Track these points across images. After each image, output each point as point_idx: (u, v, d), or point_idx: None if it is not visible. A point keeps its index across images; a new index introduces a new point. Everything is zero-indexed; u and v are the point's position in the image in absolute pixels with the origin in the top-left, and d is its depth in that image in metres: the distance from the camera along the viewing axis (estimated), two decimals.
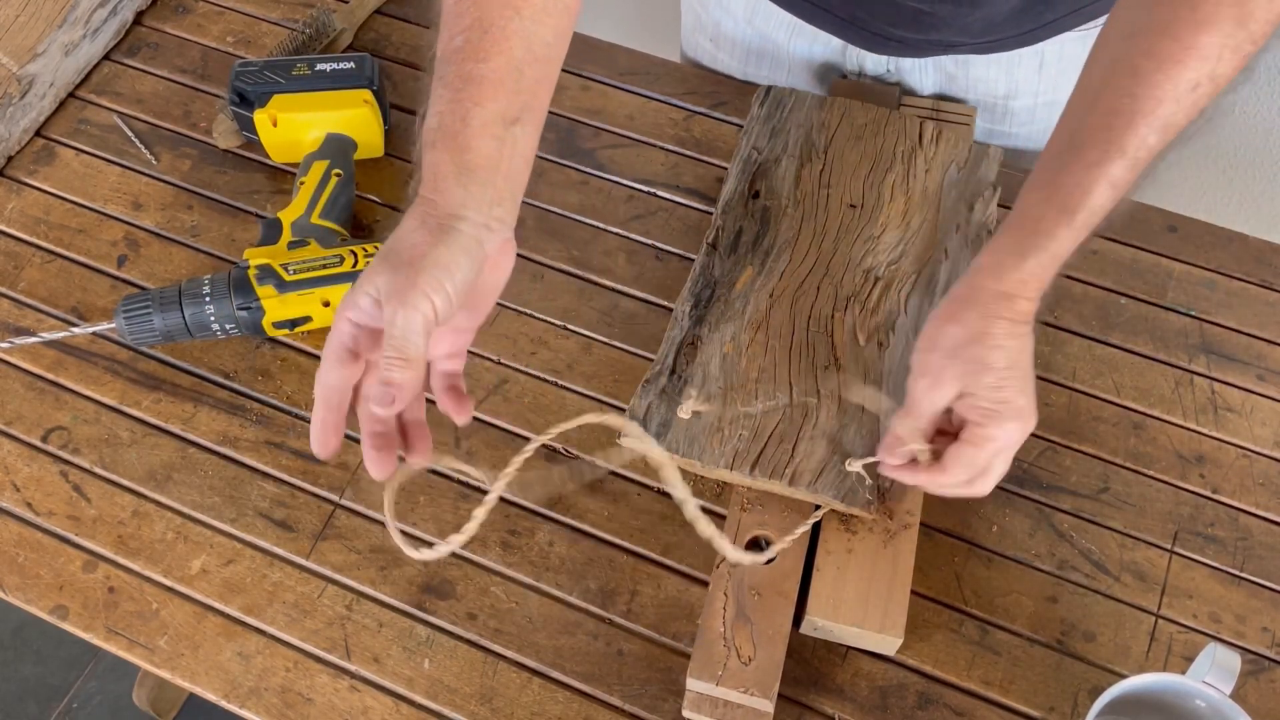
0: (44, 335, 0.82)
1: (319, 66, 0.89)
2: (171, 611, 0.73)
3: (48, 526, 0.76)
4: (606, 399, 0.80)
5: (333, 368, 0.57)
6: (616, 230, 0.88)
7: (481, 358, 0.82)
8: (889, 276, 0.79)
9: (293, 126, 0.88)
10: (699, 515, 0.62)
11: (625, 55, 0.98)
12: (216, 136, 0.93)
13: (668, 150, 0.93)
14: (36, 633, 1.55)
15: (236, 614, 0.73)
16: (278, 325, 0.81)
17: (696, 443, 0.72)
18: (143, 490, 0.77)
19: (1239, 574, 0.73)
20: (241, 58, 0.98)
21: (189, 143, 0.94)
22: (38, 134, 0.94)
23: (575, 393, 0.81)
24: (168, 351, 0.83)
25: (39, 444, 0.79)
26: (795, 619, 0.70)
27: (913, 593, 0.70)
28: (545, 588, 0.73)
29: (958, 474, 0.64)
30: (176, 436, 0.79)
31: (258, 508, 0.76)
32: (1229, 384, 0.81)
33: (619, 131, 0.94)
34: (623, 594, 0.72)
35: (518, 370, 0.82)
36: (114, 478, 0.78)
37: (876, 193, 0.84)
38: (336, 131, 0.89)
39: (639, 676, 0.70)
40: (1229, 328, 0.83)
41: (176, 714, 1.49)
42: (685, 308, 0.78)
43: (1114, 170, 0.59)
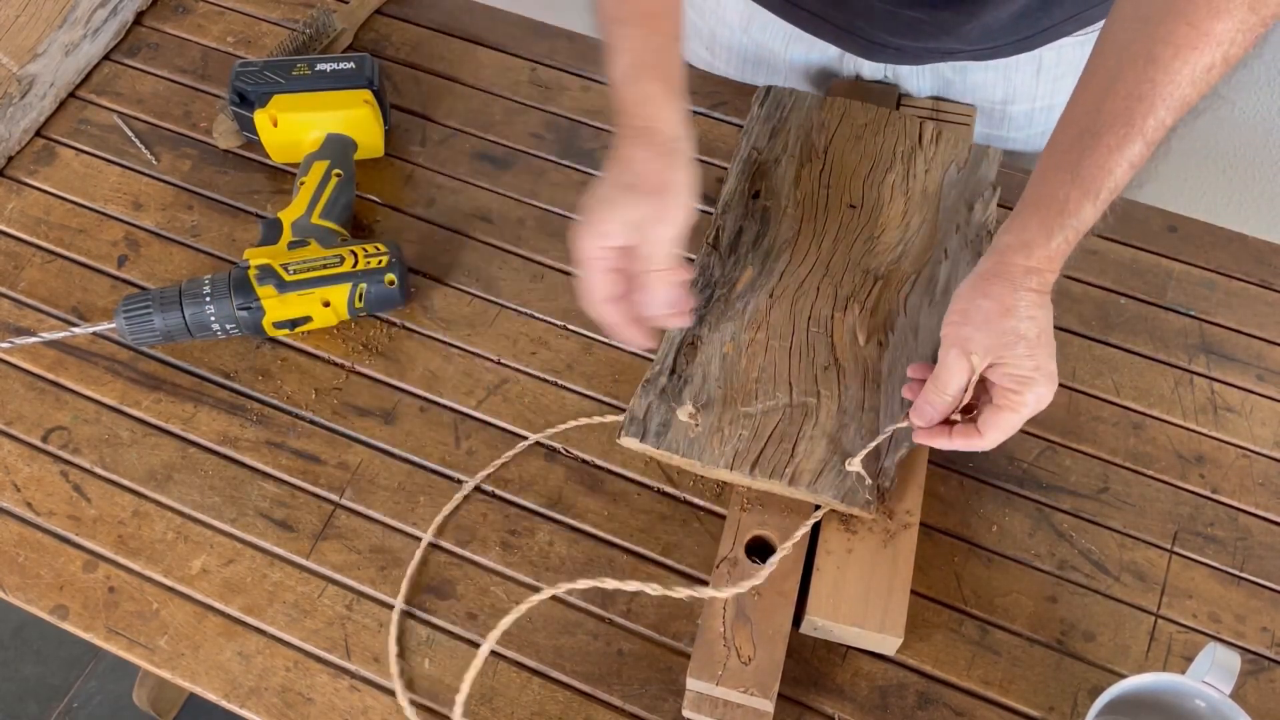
0: (44, 335, 0.82)
1: (319, 66, 0.89)
2: (172, 611, 0.73)
3: (48, 526, 0.76)
4: (606, 399, 0.80)
5: (606, 289, 0.68)
6: None
7: (481, 358, 0.82)
8: (889, 276, 0.79)
9: (293, 126, 0.88)
10: None
11: None
12: (217, 136, 0.93)
13: None
14: (37, 633, 1.55)
15: (237, 614, 0.73)
16: (278, 325, 0.81)
17: (696, 443, 0.72)
18: (143, 490, 0.77)
19: (1239, 574, 0.73)
20: (242, 58, 0.98)
21: (189, 143, 0.94)
22: (38, 134, 0.94)
23: (575, 393, 0.81)
24: (168, 351, 0.83)
25: (39, 444, 0.79)
26: (795, 619, 0.70)
27: (913, 593, 0.70)
28: (545, 587, 0.73)
29: (994, 437, 0.67)
30: (177, 436, 0.80)
31: (258, 508, 0.76)
32: (1229, 384, 0.81)
33: None
34: (623, 594, 0.72)
35: (518, 370, 0.82)
36: (114, 478, 0.78)
37: (876, 193, 0.84)
38: (337, 131, 0.89)
39: (639, 676, 0.70)
40: (1229, 328, 0.83)
41: (176, 714, 1.49)
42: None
43: (1133, 151, 0.62)
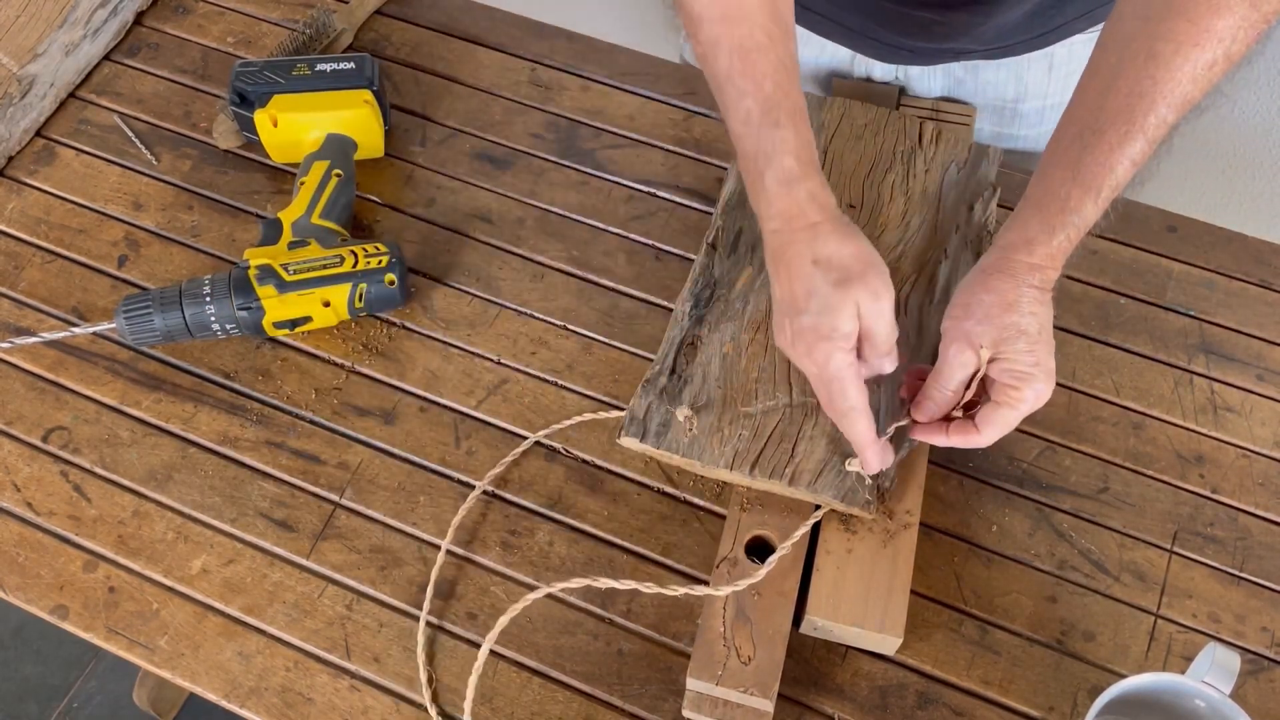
0: (44, 335, 0.82)
1: (319, 67, 0.89)
2: (172, 611, 0.73)
3: (48, 526, 0.76)
4: (606, 399, 0.80)
5: (862, 394, 0.67)
6: (616, 230, 0.89)
7: (481, 358, 0.82)
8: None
9: (293, 127, 0.88)
10: None
11: (625, 55, 0.98)
12: (217, 137, 0.93)
13: (667, 150, 0.93)
14: (37, 633, 1.55)
15: (237, 614, 0.73)
16: (278, 325, 0.81)
17: (696, 443, 0.72)
18: (143, 490, 0.77)
19: (1238, 574, 0.73)
20: (242, 58, 0.98)
21: (189, 143, 0.94)
22: (38, 134, 0.94)
23: (575, 393, 0.81)
24: (168, 351, 0.83)
25: (39, 444, 0.79)
26: (795, 619, 0.70)
27: (912, 593, 0.70)
28: (545, 587, 0.73)
29: (991, 434, 0.67)
30: (177, 436, 0.80)
31: (258, 508, 0.76)
32: (1228, 384, 0.81)
33: (619, 132, 0.94)
34: (623, 594, 0.72)
35: (518, 370, 0.82)
36: (114, 478, 0.78)
37: (876, 193, 0.84)
38: (337, 132, 0.89)
39: (639, 676, 0.70)
40: (1228, 328, 0.83)
41: (176, 714, 1.49)
42: (685, 308, 0.78)
43: (1135, 148, 0.62)
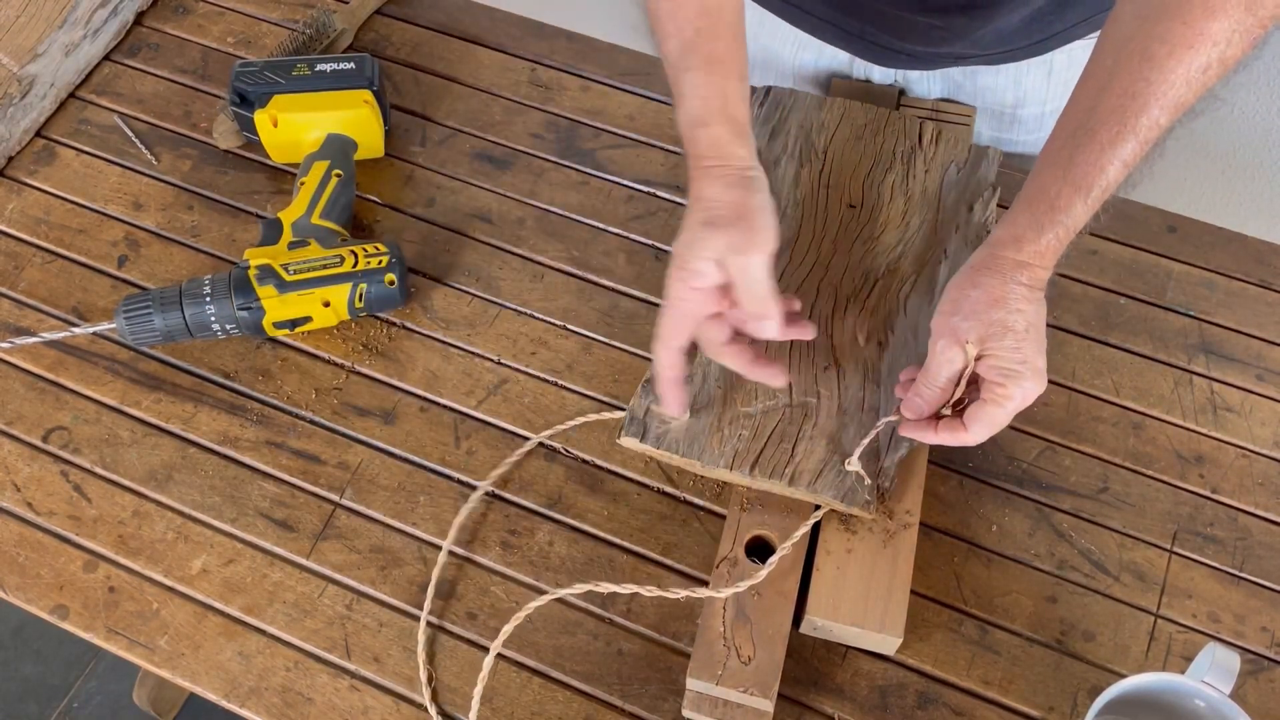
0: (44, 335, 0.82)
1: (319, 67, 0.89)
2: (172, 611, 0.73)
3: (48, 526, 0.76)
4: (606, 399, 0.80)
5: (681, 335, 0.68)
6: (616, 230, 0.89)
7: (481, 358, 0.82)
8: (889, 277, 0.79)
9: (293, 127, 0.88)
10: None
11: (625, 55, 0.98)
12: (217, 137, 0.93)
13: (668, 150, 0.93)
14: (37, 632, 1.55)
15: (237, 614, 0.73)
16: (278, 325, 0.81)
17: (696, 443, 0.72)
18: (143, 490, 0.77)
19: (1238, 574, 0.73)
20: (242, 58, 0.98)
21: (189, 143, 0.94)
22: (38, 134, 0.94)
23: (575, 393, 0.81)
24: (168, 351, 0.83)
25: (39, 444, 0.79)
26: (795, 619, 0.70)
27: (912, 592, 0.70)
28: (545, 587, 0.73)
29: (980, 432, 0.67)
30: (177, 436, 0.80)
31: (258, 508, 0.76)
32: (1228, 384, 0.81)
33: (619, 132, 0.94)
34: (623, 594, 0.72)
35: (518, 370, 0.82)
36: (114, 478, 0.78)
37: (876, 193, 0.84)
38: (337, 132, 0.89)
39: (639, 676, 0.70)
40: (1228, 328, 0.83)
41: (177, 714, 1.49)
42: None
43: (1126, 149, 0.62)
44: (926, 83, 0.91)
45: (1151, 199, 0.89)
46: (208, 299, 0.79)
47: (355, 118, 0.89)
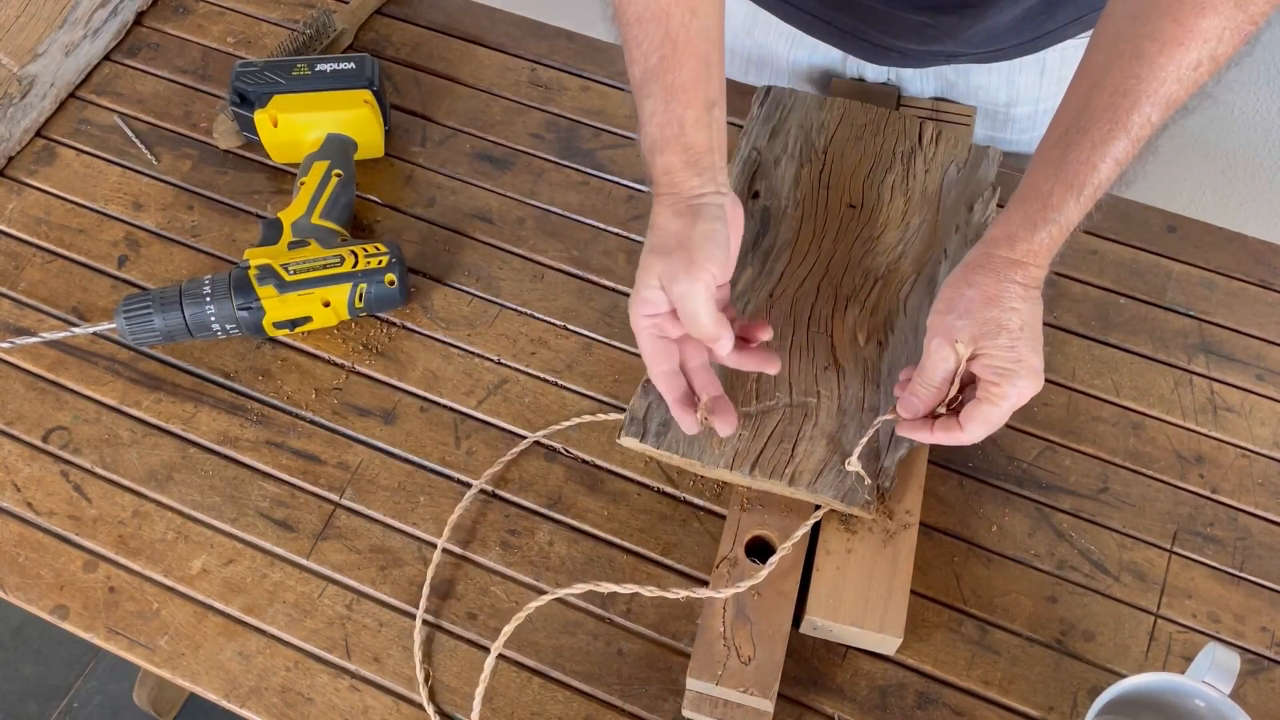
0: (44, 335, 0.82)
1: (319, 67, 0.89)
2: (172, 611, 0.73)
3: (48, 526, 0.76)
4: (606, 399, 0.80)
5: (660, 361, 0.69)
6: (616, 230, 0.89)
7: (481, 358, 0.82)
8: (889, 276, 0.79)
9: (293, 127, 0.88)
10: None
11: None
12: (217, 137, 0.93)
13: None
14: (37, 632, 1.55)
15: (237, 614, 0.73)
16: (278, 325, 0.81)
17: (696, 443, 0.72)
18: (143, 490, 0.77)
19: (1238, 574, 0.73)
20: (242, 58, 0.98)
21: (189, 143, 0.94)
22: (38, 134, 0.94)
23: (575, 393, 0.81)
24: (168, 351, 0.83)
25: (39, 444, 0.79)
26: (795, 619, 0.70)
27: (912, 592, 0.70)
28: (545, 587, 0.73)
29: (975, 431, 0.66)
30: (177, 436, 0.80)
31: (258, 508, 0.76)
32: (1228, 384, 0.81)
33: (619, 132, 0.94)
34: (623, 594, 0.72)
35: (518, 370, 0.82)
36: (114, 478, 0.78)
37: (876, 193, 0.84)
38: (337, 132, 0.89)
39: (639, 676, 0.70)
40: (1228, 328, 0.83)
41: (177, 714, 1.49)
42: None
43: (1118, 147, 0.62)
44: (920, 81, 0.91)
45: (1151, 199, 0.89)
46: (208, 299, 0.79)
47: (355, 118, 0.89)
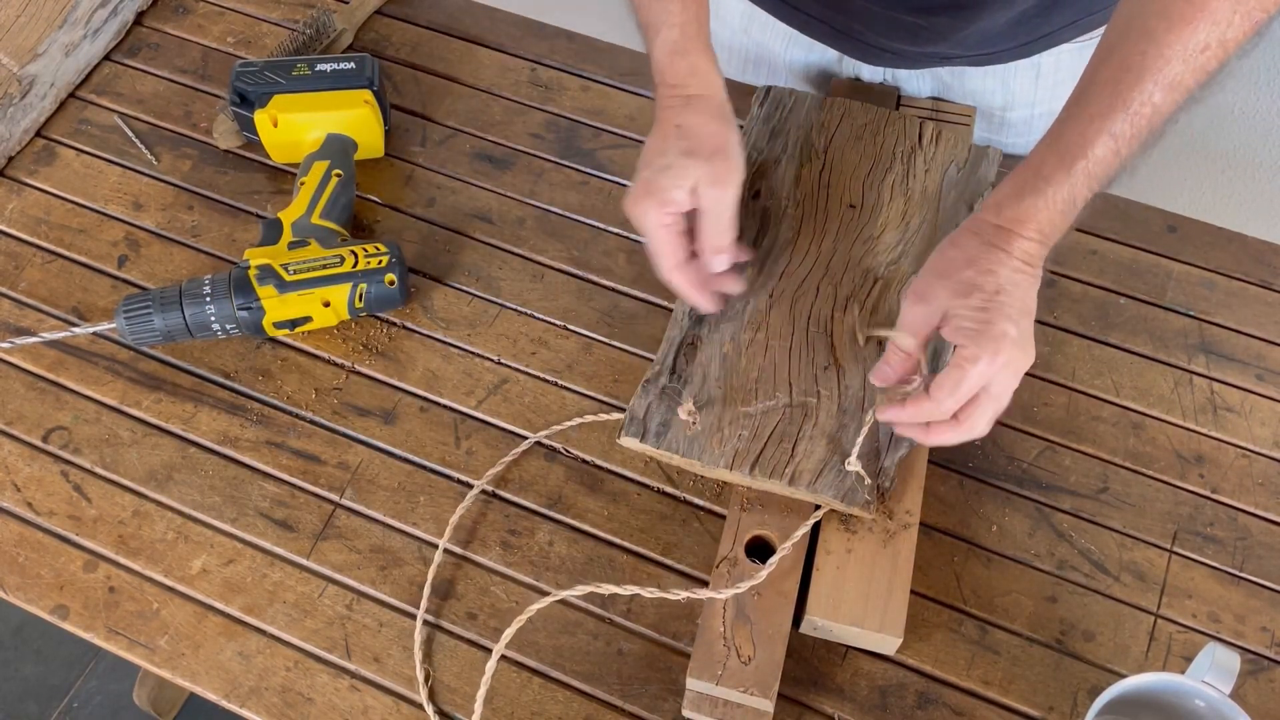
0: (44, 335, 0.82)
1: (319, 67, 0.89)
2: (172, 611, 0.73)
3: (48, 526, 0.76)
4: (606, 399, 0.80)
5: (677, 253, 0.70)
6: (616, 230, 0.89)
7: (481, 358, 0.82)
8: (889, 276, 0.79)
9: (293, 127, 0.88)
10: None
11: (626, 55, 0.98)
12: (217, 137, 0.93)
13: None
14: (37, 632, 1.55)
15: (237, 614, 0.73)
16: (278, 325, 0.81)
17: (696, 443, 0.72)
18: (143, 490, 0.77)
19: (1238, 574, 0.73)
20: (242, 58, 0.98)
21: (189, 143, 0.94)
22: (38, 134, 0.94)
23: (575, 393, 0.81)
24: (168, 351, 0.83)
25: (39, 444, 0.79)
26: (795, 619, 0.70)
27: (912, 592, 0.71)
28: (545, 587, 0.73)
29: (942, 399, 0.63)
30: (177, 436, 0.80)
31: (258, 507, 0.76)
32: (1228, 384, 0.81)
33: (619, 132, 0.94)
34: (623, 594, 0.72)
35: (518, 370, 0.82)
36: (114, 477, 0.78)
37: (876, 193, 0.84)
38: (337, 132, 0.89)
39: (639, 676, 0.70)
40: (1228, 328, 0.83)
41: (177, 714, 1.49)
42: (685, 308, 0.78)
43: (1115, 123, 0.61)
44: (916, 82, 0.91)
45: (1151, 199, 0.89)
46: (208, 299, 0.79)
47: (355, 118, 0.89)
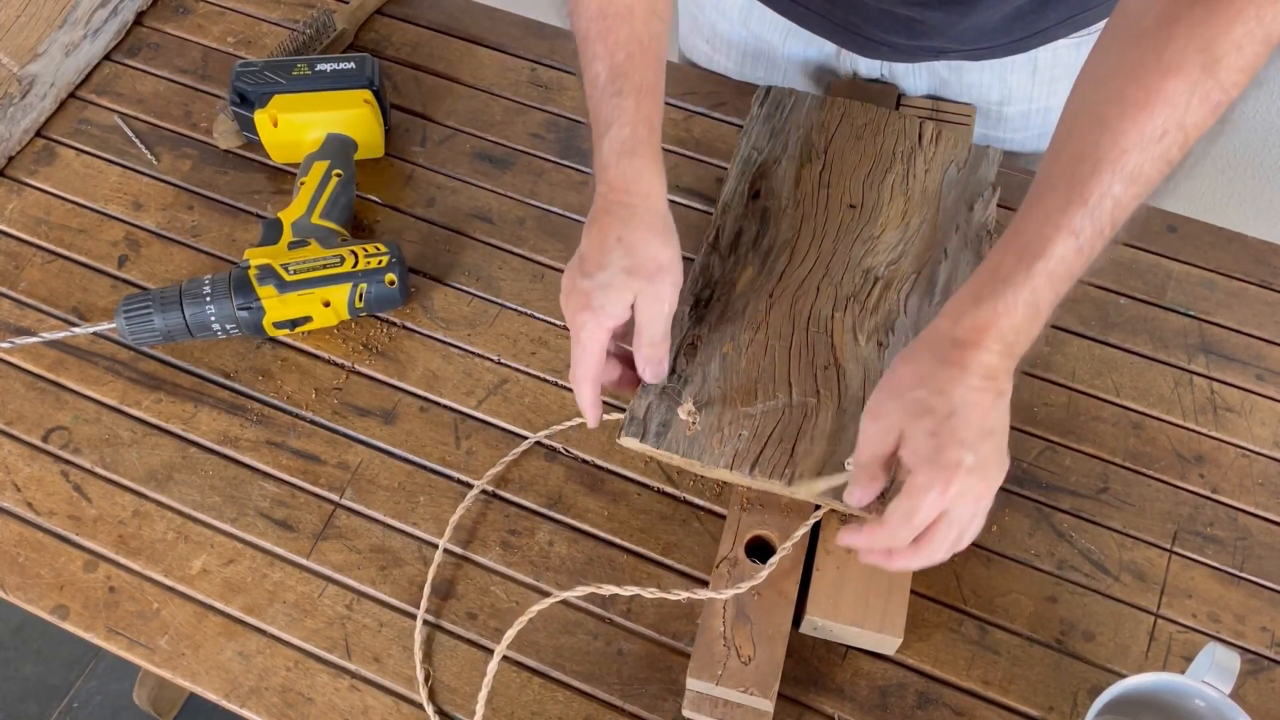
0: (45, 335, 0.82)
1: (319, 67, 0.89)
2: (172, 611, 0.73)
3: (48, 526, 0.76)
4: (606, 398, 0.80)
5: (594, 369, 0.68)
6: None
7: (481, 358, 0.82)
8: (889, 276, 0.79)
9: (293, 127, 0.88)
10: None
11: None
12: (217, 137, 0.93)
13: (667, 150, 0.92)
14: (37, 632, 1.55)
15: (237, 614, 0.73)
16: (278, 325, 0.81)
17: (696, 443, 0.72)
18: (143, 490, 0.77)
19: (1238, 574, 0.73)
20: (242, 58, 0.98)
21: (189, 143, 0.94)
22: (38, 134, 0.94)
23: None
24: (168, 351, 0.83)
25: (40, 444, 0.79)
26: (795, 619, 0.70)
27: (912, 592, 0.71)
28: (545, 587, 0.73)
29: (894, 526, 0.60)
30: (177, 436, 0.80)
31: (258, 507, 0.76)
32: (1228, 384, 0.81)
33: None
34: (623, 594, 0.72)
35: (518, 370, 0.82)
36: (114, 477, 0.78)
37: (876, 193, 0.84)
38: (337, 131, 0.89)
39: (639, 676, 0.70)
40: (1228, 328, 0.83)
41: (177, 714, 1.49)
42: (685, 308, 0.78)
43: (1075, 219, 0.56)
44: (913, 77, 0.91)
45: (1151, 199, 0.89)
46: (208, 299, 0.79)
47: (355, 118, 0.89)
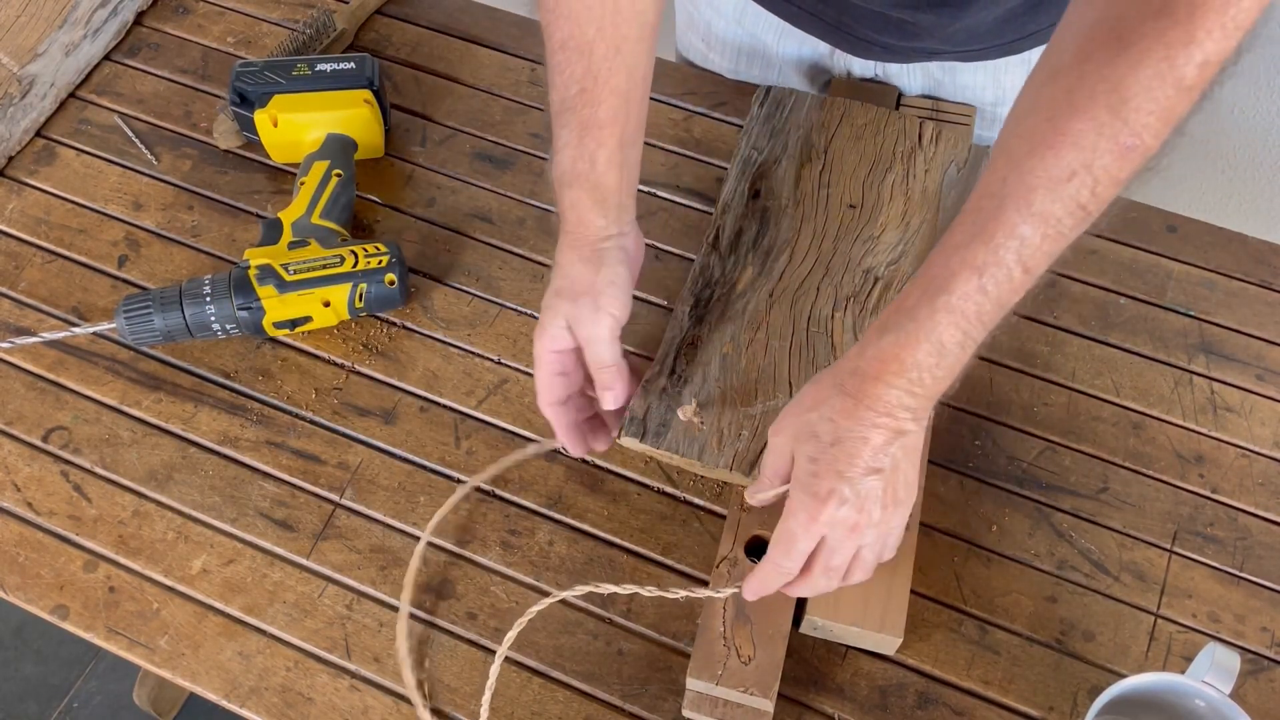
0: (44, 335, 0.82)
1: (319, 67, 0.89)
2: (172, 611, 0.73)
3: (48, 526, 0.76)
4: None
5: (551, 393, 0.70)
6: None
7: (481, 358, 0.82)
8: (889, 276, 0.80)
9: (293, 127, 0.88)
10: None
11: None
12: (217, 137, 0.93)
13: (667, 150, 0.93)
14: (37, 632, 1.55)
15: (237, 614, 0.73)
16: (278, 325, 0.81)
17: (696, 442, 0.72)
18: (143, 490, 0.77)
19: (1238, 574, 0.73)
20: (242, 58, 0.98)
21: (189, 143, 0.94)
22: (38, 134, 0.94)
23: None
24: (168, 351, 0.83)
25: (39, 444, 0.79)
26: (795, 618, 0.70)
27: (912, 592, 0.71)
28: (545, 587, 0.73)
29: (779, 559, 0.62)
30: (177, 436, 0.80)
31: (258, 507, 0.76)
32: (1228, 384, 0.81)
33: None
34: (623, 594, 0.72)
35: (518, 370, 0.82)
36: (114, 477, 0.78)
37: (876, 193, 0.84)
38: (337, 131, 0.89)
39: (639, 676, 0.70)
40: (1228, 328, 0.83)
41: (177, 714, 1.49)
42: (685, 308, 0.78)
43: (978, 256, 0.55)
44: (907, 77, 0.91)
45: (1151, 199, 0.89)
46: (208, 299, 0.79)
47: (355, 118, 0.89)
